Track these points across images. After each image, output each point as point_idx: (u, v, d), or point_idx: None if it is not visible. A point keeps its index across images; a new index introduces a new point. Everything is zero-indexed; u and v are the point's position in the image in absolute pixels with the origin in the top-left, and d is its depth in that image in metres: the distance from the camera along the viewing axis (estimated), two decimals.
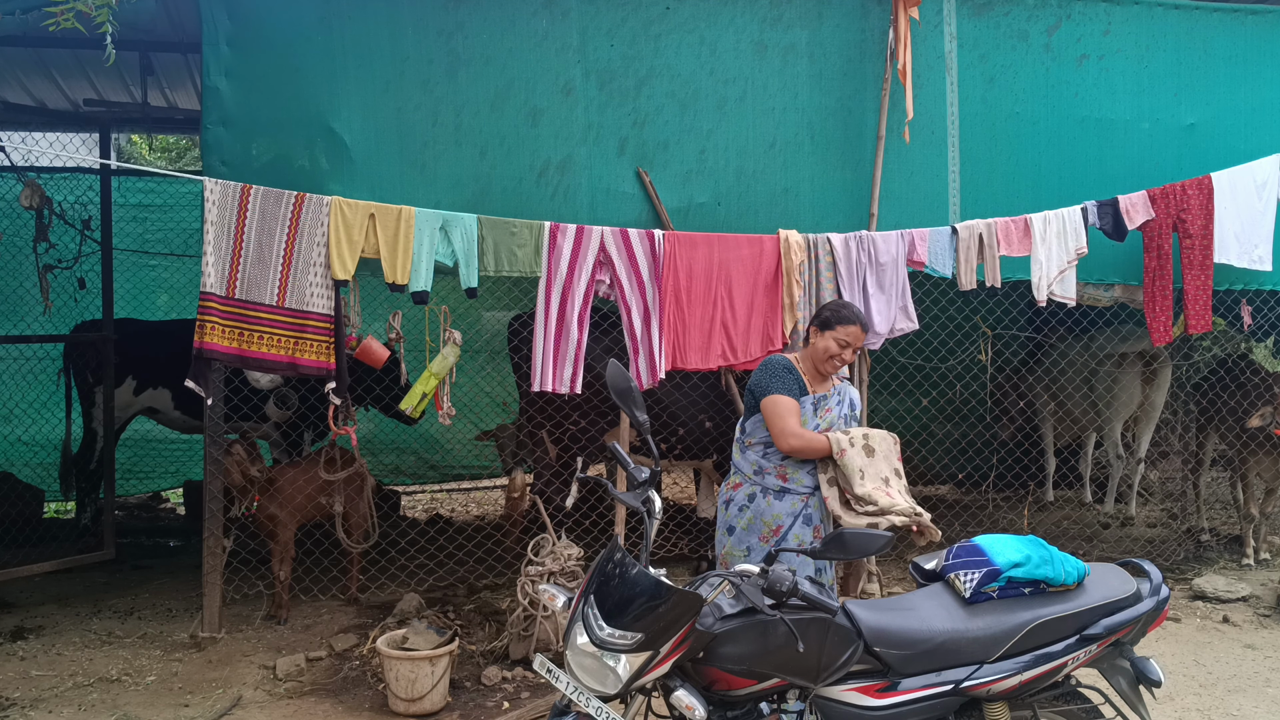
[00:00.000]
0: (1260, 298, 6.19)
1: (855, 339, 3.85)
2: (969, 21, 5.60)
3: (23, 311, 7.37)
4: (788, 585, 2.66)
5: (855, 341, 3.86)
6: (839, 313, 3.89)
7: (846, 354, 3.87)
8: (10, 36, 5.58)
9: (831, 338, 3.85)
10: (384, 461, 8.53)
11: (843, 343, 3.84)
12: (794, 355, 4.03)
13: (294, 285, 4.62)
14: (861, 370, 5.48)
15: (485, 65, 5.07)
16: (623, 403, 3.13)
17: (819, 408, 3.89)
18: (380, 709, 4.41)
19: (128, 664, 4.86)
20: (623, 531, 5.43)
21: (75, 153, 7.80)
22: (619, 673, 2.63)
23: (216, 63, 4.76)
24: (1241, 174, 5.59)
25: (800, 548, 2.89)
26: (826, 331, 3.87)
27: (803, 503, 3.82)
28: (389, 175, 4.95)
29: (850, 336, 3.84)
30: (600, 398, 5.69)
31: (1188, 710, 4.42)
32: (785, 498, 3.82)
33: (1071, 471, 8.83)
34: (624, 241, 5.02)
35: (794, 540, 3.77)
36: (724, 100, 5.36)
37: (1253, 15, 5.86)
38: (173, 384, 6.91)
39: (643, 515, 3.03)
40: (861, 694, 2.84)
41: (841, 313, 3.89)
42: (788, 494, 3.82)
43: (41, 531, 6.81)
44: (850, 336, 3.84)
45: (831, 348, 3.84)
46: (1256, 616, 5.64)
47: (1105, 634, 2.96)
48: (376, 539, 5.69)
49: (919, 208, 5.54)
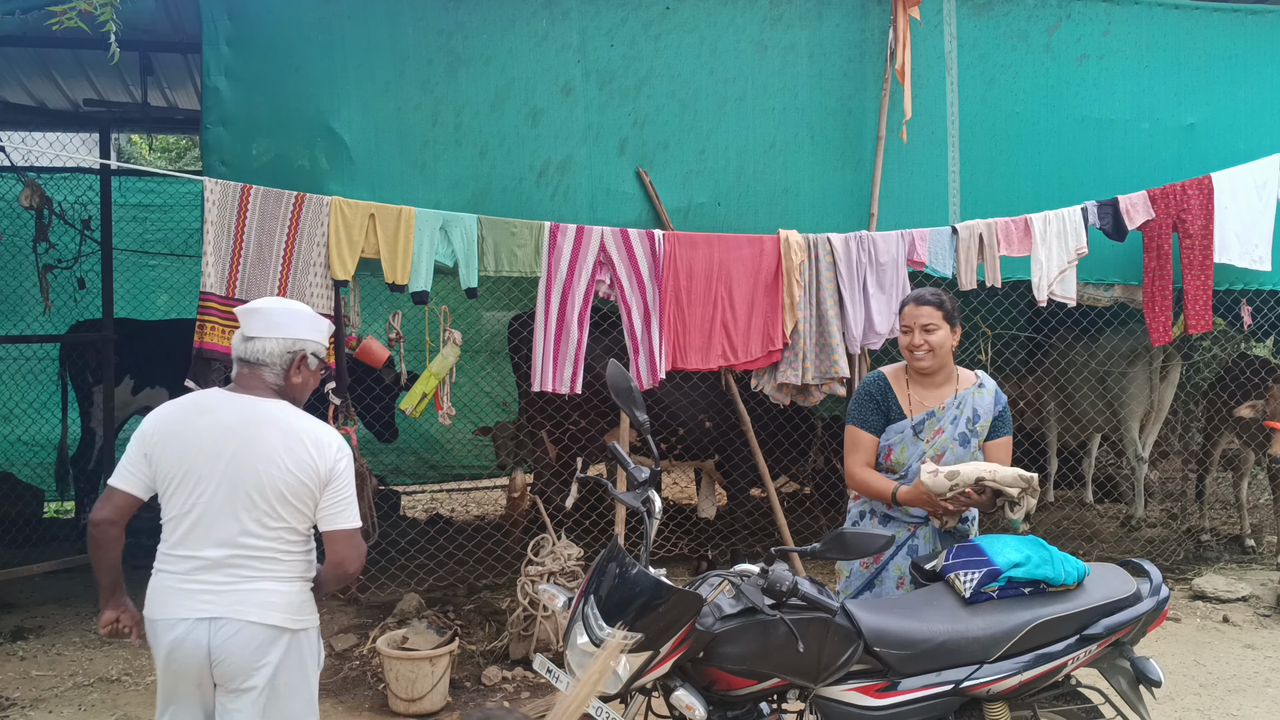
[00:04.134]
0: (1260, 298, 6.19)
1: (914, 318, 3.40)
2: (969, 21, 5.60)
3: (23, 311, 7.37)
4: (788, 585, 2.66)
5: (917, 321, 3.38)
6: (901, 300, 3.53)
7: (916, 337, 3.39)
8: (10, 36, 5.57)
9: (900, 330, 3.47)
10: (384, 461, 8.52)
11: (906, 329, 3.43)
12: (899, 365, 3.57)
13: (294, 285, 4.62)
14: (861, 370, 5.48)
15: (485, 65, 5.06)
16: (623, 403, 3.13)
17: (924, 431, 3.42)
18: (380, 709, 4.41)
19: (128, 664, 4.86)
20: (623, 531, 5.43)
21: (75, 153, 7.80)
22: (619, 673, 2.62)
23: (216, 63, 4.75)
24: (1241, 174, 5.59)
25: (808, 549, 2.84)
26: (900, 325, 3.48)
27: (908, 533, 3.45)
28: (389, 175, 4.94)
29: (908, 318, 3.41)
30: (600, 398, 5.69)
31: (1188, 710, 4.42)
32: (890, 525, 3.47)
33: (1072, 472, 8.82)
34: (624, 241, 5.02)
35: (894, 572, 3.46)
36: (724, 100, 5.35)
37: (1253, 15, 5.86)
38: (173, 384, 6.91)
39: (643, 515, 3.03)
40: (861, 694, 2.84)
41: (904, 299, 3.50)
42: (892, 521, 3.48)
43: (41, 531, 6.81)
44: (908, 318, 3.41)
45: (901, 340, 3.46)
46: (1256, 616, 5.64)
47: (1105, 634, 2.96)
48: (376, 539, 5.68)
49: (919, 208, 5.54)
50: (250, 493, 2.68)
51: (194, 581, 2.70)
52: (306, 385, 2.90)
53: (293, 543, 2.75)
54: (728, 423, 5.91)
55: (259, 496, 2.68)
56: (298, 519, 2.73)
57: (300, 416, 2.79)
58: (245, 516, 2.68)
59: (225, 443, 2.69)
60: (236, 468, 2.68)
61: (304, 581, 2.79)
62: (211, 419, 2.73)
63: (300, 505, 2.71)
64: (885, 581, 3.51)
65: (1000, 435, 3.47)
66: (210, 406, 2.77)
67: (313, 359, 2.88)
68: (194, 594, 2.69)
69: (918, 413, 3.45)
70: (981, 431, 3.45)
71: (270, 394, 2.79)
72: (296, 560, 2.76)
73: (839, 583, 3.69)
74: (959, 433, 3.43)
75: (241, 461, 2.68)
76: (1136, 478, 7.43)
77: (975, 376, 3.53)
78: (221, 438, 2.70)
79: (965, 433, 3.43)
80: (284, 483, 2.68)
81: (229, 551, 2.68)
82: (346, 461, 2.77)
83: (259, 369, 2.80)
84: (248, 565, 2.69)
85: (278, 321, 2.82)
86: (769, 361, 5.26)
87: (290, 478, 2.69)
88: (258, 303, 2.91)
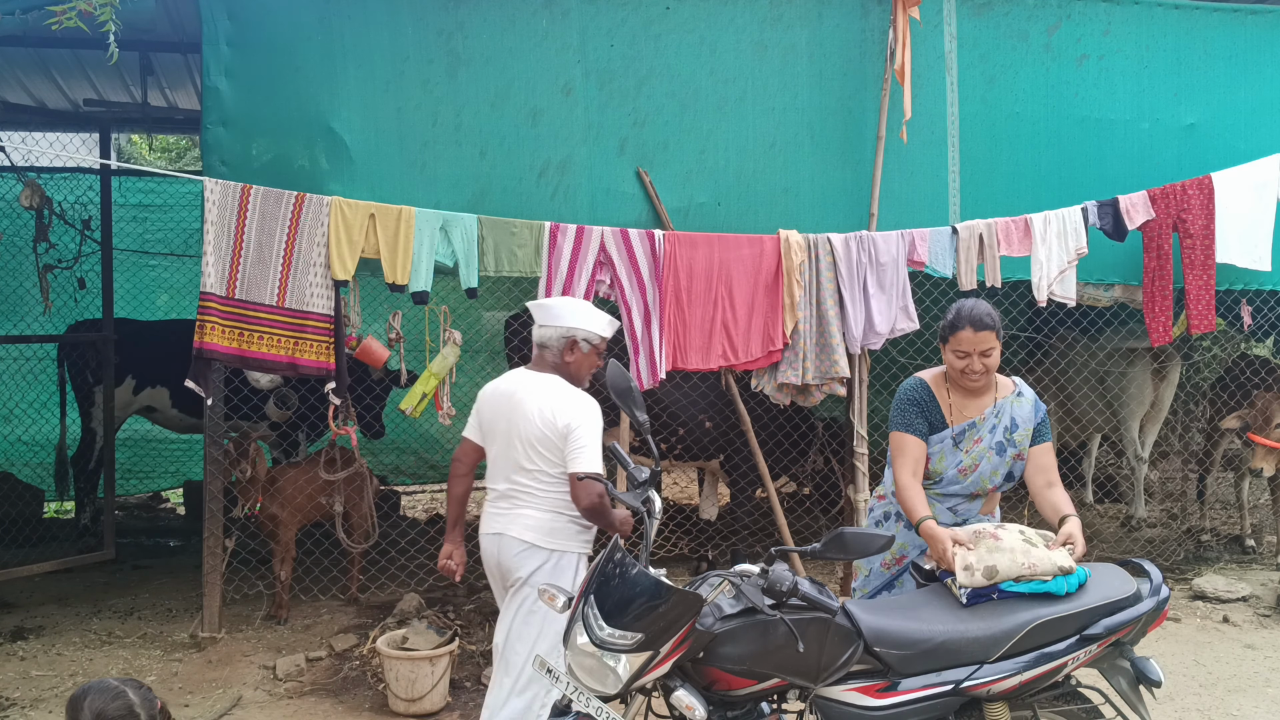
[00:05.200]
0: (1260, 298, 6.19)
1: (973, 344, 3.25)
2: (969, 21, 5.60)
3: (23, 311, 7.37)
4: (788, 585, 2.67)
5: (976, 348, 3.25)
6: (954, 321, 3.30)
7: (974, 363, 3.27)
8: (10, 36, 5.57)
9: (951, 351, 3.32)
10: (384, 461, 8.52)
11: (962, 354, 3.28)
12: (938, 371, 3.48)
13: (294, 285, 4.62)
14: (861, 370, 5.48)
15: (485, 65, 5.06)
16: (623, 403, 3.12)
17: (963, 440, 3.36)
18: (380, 709, 4.41)
19: (128, 664, 4.86)
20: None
21: (75, 153, 7.80)
22: (619, 673, 2.62)
23: (216, 63, 4.76)
24: (1242, 174, 5.58)
25: (808, 549, 2.83)
26: (945, 345, 3.35)
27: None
28: (389, 175, 4.94)
29: (966, 344, 3.26)
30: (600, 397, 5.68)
31: (1188, 710, 4.42)
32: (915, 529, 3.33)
33: (1071, 472, 8.81)
34: (624, 241, 5.02)
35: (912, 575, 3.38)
36: (724, 100, 5.35)
37: (1253, 15, 5.85)
38: (171, 383, 6.91)
39: (643, 515, 3.03)
40: (861, 694, 2.84)
41: (956, 320, 3.29)
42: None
43: (41, 531, 6.81)
44: (966, 344, 3.26)
45: (955, 363, 3.31)
46: (1256, 616, 5.64)
47: (1105, 634, 2.96)
48: (376, 539, 5.69)
49: (919, 208, 5.54)
50: (517, 441, 3.52)
51: (493, 506, 3.64)
52: (580, 364, 3.66)
53: (547, 481, 3.51)
54: (729, 423, 5.91)
55: (521, 444, 3.51)
56: (547, 463, 3.49)
57: (557, 385, 3.57)
58: (515, 460, 3.53)
59: (507, 405, 3.57)
60: (509, 424, 3.54)
61: (556, 513, 3.53)
62: (504, 387, 3.65)
63: (547, 452, 3.48)
64: (907, 583, 3.48)
65: (1044, 440, 3.42)
66: (508, 379, 3.70)
67: (583, 343, 3.64)
68: (492, 516, 3.63)
69: (959, 422, 3.39)
70: (1020, 441, 3.38)
71: (550, 370, 3.63)
72: (550, 495, 3.52)
73: (856, 580, 3.70)
74: (996, 442, 3.37)
75: (513, 419, 3.53)
76: (1136, 478, 7.41)
77: (1013, 384, 3.46)
78: (505, 401, 3.59)
79: (1002, 442, 3.37)
80: (535, 434, 3.48)
81: (508, 485, 3.57)
82: (585, 421, 3.46)
83: (544, 350, 3.65)
84: (517, 496, 3.55)
85: (557, 314, 3.64)
86: (769, 361, 5.25)
87: (538, 431, 3.48)
88: (546, 300, 3.82)
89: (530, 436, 3.49)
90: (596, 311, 3.68)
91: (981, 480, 3.40)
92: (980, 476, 3.40)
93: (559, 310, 3.66)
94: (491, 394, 3.68)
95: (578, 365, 3.65)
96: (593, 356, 3.68)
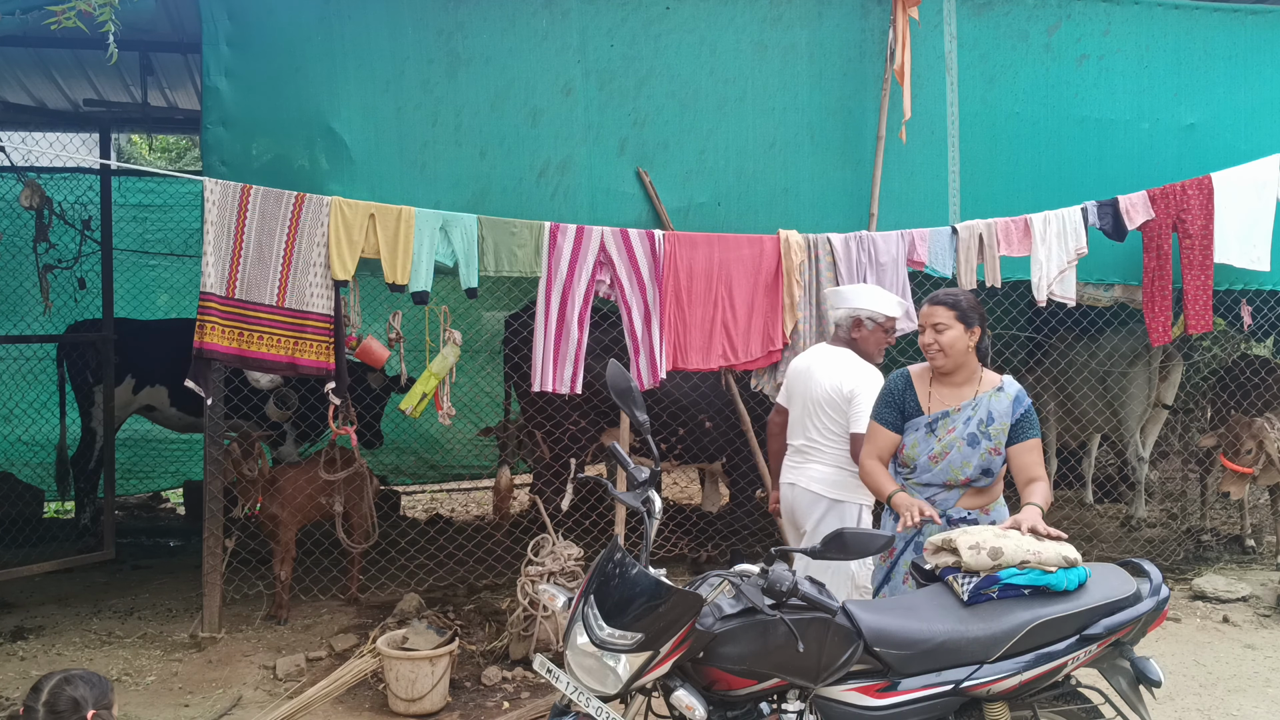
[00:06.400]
0: (1260, 298, 6.19)
1: (926, 317, 3.49)
2: (969, 21, 5.60)
3: (23, 311, 7.37)
4: (788, 585, 2.66)
5: (929, 320, 3.48)
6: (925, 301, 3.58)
7: (926, 335, 3.48)
8: (10, 36, 5.57)
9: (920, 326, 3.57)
10: (384, 461, 8.52)
11: (921, 327, 3.52)
12: (926, 365, 3.62)
13: (294, 285, 4.62)
14: None
15: (485, 65, 5.06)
16: (623, 403, 3.13)
17: (938, 428, 3.47)
18: (380, 709, 4.41)
19: (128, 664, 4.86)
20: (623, 531, 5.43)
21: (75, 153, 7.80)
22: (619, 673, 2.63)
23: (216, 63, 4.75)
24: (1241, 174, 5.58)
25: (808, 549, 2.85)
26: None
27: (916, 530, 3.41)
28: (389, 175, 4.94)
29: (923, 317, 3.51)
30: (600, 397, 5.69)
31: (1188, 710, 4.42)
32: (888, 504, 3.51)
33: (1071, 472, 8.81)
34: (624, 241, 5.02)
35: (903, 567, 3.49)
36: (724, 100, 5.35)
37: (1253, 15, 5.86)
38: (170, 382, 6.91)
39: (643, 515, 3.03)
40: (861, 694, 2.84)
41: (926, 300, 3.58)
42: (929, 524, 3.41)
43: (41, 531, 6.81)
44: (923, 317, 3.51)
45: (919, 339, 3.55)
46: (1256, 616, 5.64)
47: (1105, 634, 2.96)
48: (376, 539, 5.69)
49: (919, 208, 5.54)
50: (810, 404, 4.14)
51: (790, 460, 4.28)
52: (868, 339, 4.20)
53: (832, 440, 4.10)
54: (729, 423, 5.91)
55: (813, 405, 4.13)
56: (833, 423, 4.08)
57: (846, 357, 4.16)
58: (807, 420, 4.17)
59: (804, 374, 4.24)
60: (805, 389, 4.19)
61: (839, 468, 4.08)
62: (804, 359, 4.33)
63: (834, 413, 4.07)
64: (894, 578, 3.54)
65: (1026, 438, 3.44)
66: (809, 353, 4.38)
67: (868, 321, 4.18)
68: (789, 468, 4.28)
69: (935, 410, 3.51)
70: (996, 435, 3.43)
71: (843, 344, 4.24)
72: (834, 452, 4.10)
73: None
74: (968, 433, 3.44)
75: (808, 385, 4.17)
76: (1137, 478, 7.41)
77: (999, 380, 3.54)
78: (804, 371, 4.26)
79: (975, 434, 3.44)
80: (824, 397, 4.10)
81: (803, 441, 4.20)
82: (867, 389, 3.95)
83: (837, 329, 4.30)
84: (809, 451, 4.17)
85: (845, 297, 4.25)
86: (769, 361, 5.26)
87: (824, 394, 4.09)
88: (842, 288, 4.50)
89: (820, 400, 4.10)
90: (883, 293, 4.26)
91: (951, 469, 3.45)
92: (950, 465, 3.45)
93: (847, 294, 4.27)
94: (795, 365, 4.38)
95: (865, 340, 4.20)
96: (879, 333, 4.20)
